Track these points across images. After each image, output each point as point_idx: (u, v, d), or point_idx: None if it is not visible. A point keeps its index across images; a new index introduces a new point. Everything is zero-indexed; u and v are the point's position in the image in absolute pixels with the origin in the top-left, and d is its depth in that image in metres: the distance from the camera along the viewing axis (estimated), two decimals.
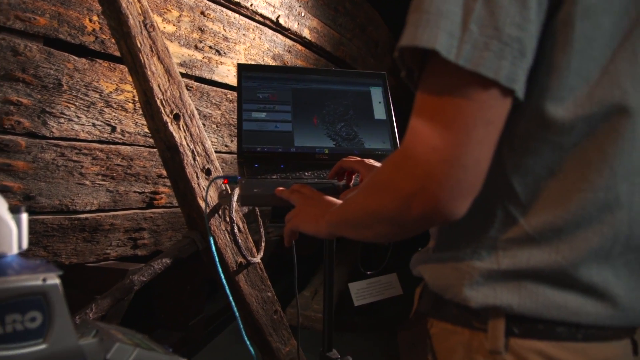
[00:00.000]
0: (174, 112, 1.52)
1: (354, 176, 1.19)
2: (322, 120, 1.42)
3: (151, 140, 1.94)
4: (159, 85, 1.50)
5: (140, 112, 1.87)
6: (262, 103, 1.39)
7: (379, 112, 1.48)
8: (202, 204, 1.58)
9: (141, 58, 1.47)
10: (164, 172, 2.04)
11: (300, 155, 1.35)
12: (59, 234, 1.89)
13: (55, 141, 1.69)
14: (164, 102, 1.50)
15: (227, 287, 1.54)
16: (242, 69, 1.42)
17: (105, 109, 1.76)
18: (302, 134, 1.38)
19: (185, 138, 1.54)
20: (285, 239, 0.98)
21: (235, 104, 2.26)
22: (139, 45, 1.47)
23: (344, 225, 0.78)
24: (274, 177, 1.20)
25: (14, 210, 0.70)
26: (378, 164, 1.08)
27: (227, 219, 1.63)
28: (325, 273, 1.33)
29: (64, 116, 1.68)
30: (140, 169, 1.94)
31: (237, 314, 1.54)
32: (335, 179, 1.20)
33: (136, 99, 1.84)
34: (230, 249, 1.65)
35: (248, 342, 1.55)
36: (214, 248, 1.54)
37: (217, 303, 3.89)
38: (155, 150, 1.97)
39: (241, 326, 1.53)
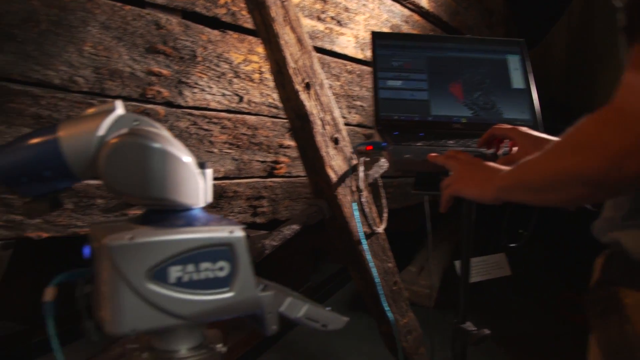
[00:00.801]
0: (305, 81, 1.54)
1: (502, 144, 1.14)
2: (458, 89, 1.38)
3: (275, 110, 1.99)
4: (291, 55, 1.52)
5: (266, 82, 1.92)
6: (397, 71, 1.37)
7: (517, 81, 1.42)
8: (331, 173, 1.60)
9: (275, 28, 1.49)
10: (286, 142, 2.09)
11: (436, 124, 1.33)
12: None
13: (189, 110, 1.77)
14: (296, 71, 1.52)
15: (368, 252, 1.58)
16: (376, 37, 1.40)
17: (234, 80, 1.82)
18: (438, 102, 1.35)
19: (315, 107, 1.56)
20: (443, 205, 0.96)
21: (354, 76, 2.26)
22: (273, 15, 1.50)
23: (520, 189, 0.75)
24: (419, 144, 1.18)
25: (201, 165, 0.73)
26: (534, 132, 1.03)
27: (355, 188, 1.64)
28: (463, 241, 1.30)
29: (197, 86, 1.75)
30: (263, 139, 2.00)
31: (377, 279, 1.56)
32: (484, 147, 1.16)
33: (262, 69, 1.89)
34: (354, 217, 1.66)
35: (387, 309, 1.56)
36: (357, 215, 1.57)
37: (321, 273, 3.97)
38: (278, 120, 2.01)
39: (381, 292, 1.55)
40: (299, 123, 1.59)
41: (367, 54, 2.25)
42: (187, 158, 0.71)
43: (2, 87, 1.48)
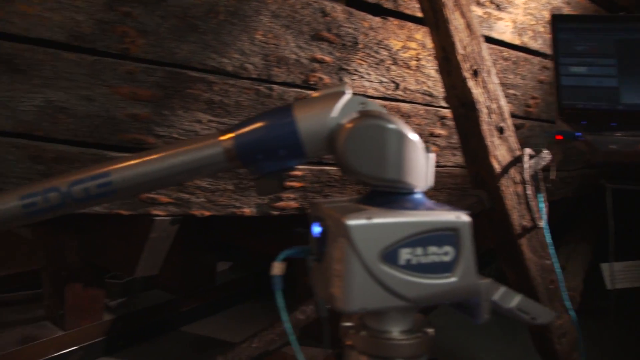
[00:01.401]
0: (473, 68, 1.50)
1: None
2: None
3: (429, 98, 1.96)
4: (460, 41, 1.48)
5: (422, 70, 1.90)
6: (581, 56, 1.29)
7: None
8: (494, 163, 1.54)
9: (445, 13, 1.46)
10: (437, 131, 2.06)
11: (628, 113, 1.23)
12: (338, 185, 2.04)
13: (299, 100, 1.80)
14: (464, 57, 1.48)
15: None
16: (557, 20, 1.33)
17: (392, 67, 1.81)
18: (630, 90, 1.25)
19: (482, 95, 1.51)
20: None
21: (509, 63, 2.16)
22: (443, 0, 1.47)
23: None
24: (617, 134, 1.10)
25: (426, 150, 0.73)
26: None
27: (518, 179, 1.58)
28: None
29: (357, 73, 1.77)
30: (415, 127, 1.98)
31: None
32: None
33: (420, 56, 1.87)
34: (517, 210, 1.60)
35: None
36: (521, 207, 1.51)
37: None
38: (431, 108, 1.99)
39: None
40: (463, 111, 1.55)
41: (525, 39, 2.15)
42: (418, 140, 0.72)
43: (182, 74, 1.59)
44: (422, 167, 0.72)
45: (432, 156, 0.74)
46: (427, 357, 0.75)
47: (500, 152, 1.57)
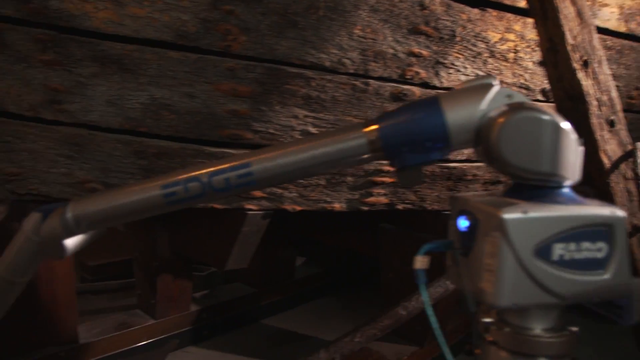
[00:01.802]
0: (584, 58, 1.43)
1: None
2: None
3: (525, 91, 1.90)
4: (570, 30, 1.42)
5: (520, 62, 1.83)
6: None
7: None
8: (604, 158, 1.47)
9: (554, 1, 1.41)
10: None
11: None
12: (429, 180, 2.01)
13: (443, 91, 1.77)
14: (574, 47, 1.42)
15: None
16: None
17: (489, 60, 1.77)
18: None
19: (592, 86, 1.45)
20: None
21: (612, 52, 2.06)
22: None
23: None
24: None
25: (578, 142, 0.71)
26: None
27: (630, 175, 1.50)
28: None
29: (453, 67, 1.74)
30: None
31: None
32: None
33: (517, 48, 1.81)
34: (628, 208, 1.52)
35: None
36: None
37: None
38: None
39: None
40: (570, 104, 1.49)
41: (632, 26, 2.03)
42: (572, 131, 0.69)
43: (281, 70, 1.61)
44: (574, 159, 0.69)
45: (582, 149, 0.71)
46: (571, 357, 0.73)
47: (610, 147, 1.49)
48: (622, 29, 2.03)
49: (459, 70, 1.74)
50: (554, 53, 1.46)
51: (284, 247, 3.19)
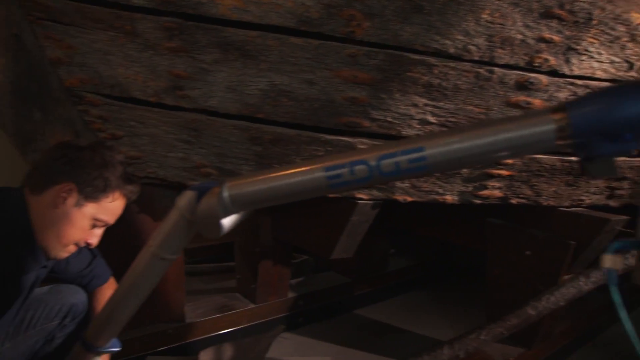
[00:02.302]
0: None
1: None
2: None
3: None
4: None
5: None
6: None
7: None
8: None
9: None
10: None
11: None
12: (547, 175, 1.90)
13: (572, 80, 1.66)
14: None
15: None
16: None
17: (628, 44, 1.63)
18: None
19: None
20: None
21: None
22: None
23: None
24: None
25: None
26: None
27: None
28: None
29: (586, 53, 1.62)
30: None
31: None
32: None
33: None
34: None
35: None
36: None
37: None
38: None
39: None
40: None
41: None
42: None
43: (403, 57, 1.57)
44: None
45: None
46: None
47: None
48: None
49: (592, 57, 1.62)
50: None
51: (379, 238, 3.15)
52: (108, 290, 1.69)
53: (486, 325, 1.57)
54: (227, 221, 0.87)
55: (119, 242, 2.20)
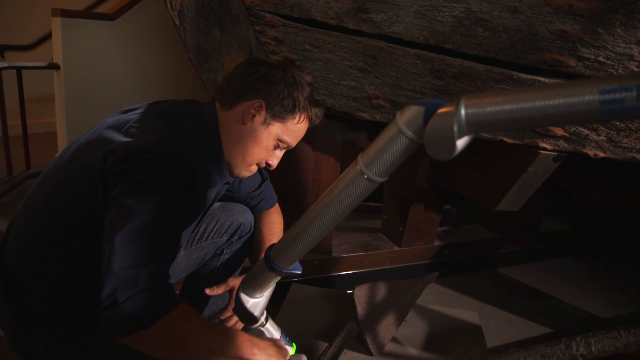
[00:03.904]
0: None
1: None
2: None
3: None
4: None
5: None
6: None
7: None
8: None
9: None
10: None
11: None
12: None
13: None
14: None
15: None
16: None
17: None
18: None
19: None
20: None
21: None
22: None
23: None
24: None
25: None
26: None
27: None
28: None
29: None
30: None
31: None
32: None
33: None
34: None
35: None
36: None
37: None
38: None
39: None
40: None
41: None
42: None
43: None
44: None
45: None
46: None
47: None
48: None
49: None
50: None
51: (536, 195, 2.92)
52: (273, 214, 1.70)
53: None
54: (461, 142, 0.76)
55: (278, 171, 2.22)
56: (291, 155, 2.23)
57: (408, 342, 1.78)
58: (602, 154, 1.71)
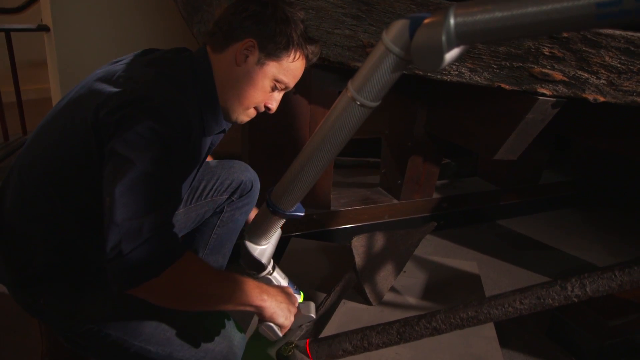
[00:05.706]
0: None
1: None
2: None
3: None
4: None
5: None
6: None
7: None
8: None
9: None
10: None
11: None
12: None
13: None
14: None
15: None
16: None
17: None
18: None
19: None
20: None
21: None
22: None
23: None
24: None
25: None
26: None
27: None
28: None
29: None
30: None
31: None
32: None
33: None
34: None
35: None
36: None
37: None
38: None
39: None
40: None
41: None
42: None
43: None
44: None
45: None
46: None
47: None
48: None
49: None
50: None
51: (535, 145, 2.90)
52: None
53: None
54: (450, 55, 0.72)
55: (274, 125, 2.20)
56: (287, 109, 2.20)
57: (407, 292, 1.79)
58: (602, 99, 1.68)
